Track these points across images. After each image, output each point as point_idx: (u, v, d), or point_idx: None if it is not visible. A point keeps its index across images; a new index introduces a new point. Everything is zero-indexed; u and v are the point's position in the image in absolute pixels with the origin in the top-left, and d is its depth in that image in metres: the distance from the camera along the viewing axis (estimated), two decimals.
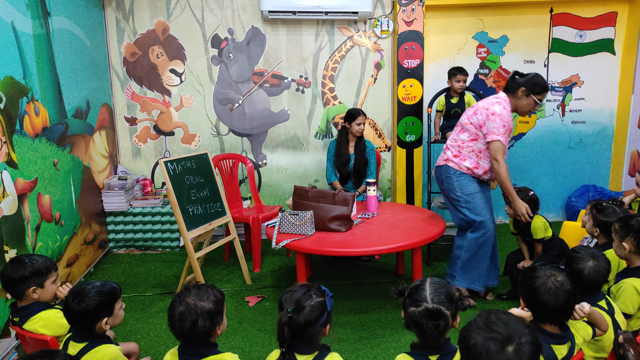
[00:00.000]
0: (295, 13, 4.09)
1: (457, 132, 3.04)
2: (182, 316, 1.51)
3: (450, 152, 3.02)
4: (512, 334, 1.14)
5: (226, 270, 3.72)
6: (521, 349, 1.12)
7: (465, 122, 2.95)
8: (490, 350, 1.12)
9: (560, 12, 4.41)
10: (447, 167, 3.02)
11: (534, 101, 2.83)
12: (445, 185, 3.05)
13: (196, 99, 4.37)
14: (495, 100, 2.87)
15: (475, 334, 1.17)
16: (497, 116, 2.79)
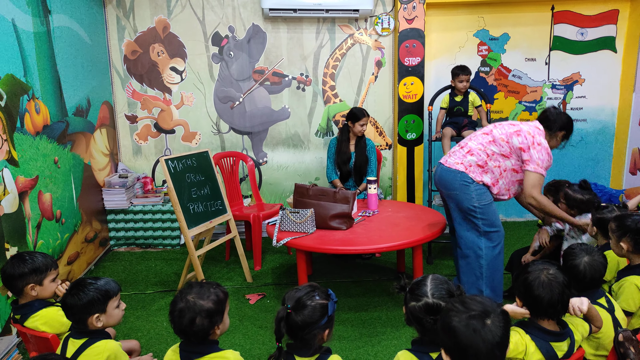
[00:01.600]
0: (296, 11, 4.08)
1: (485, 140, 2.71)
2: (181, 313, 1.51)
3: (475, 159, 2.69)
4: (487, 308, 1.23)
5: (227, 268, 3.73)
6: (497, 320, 1.21)
7: (502, 138, 2.67)
8: (477, 328, 1.19)
9: (562, 10, 4.40)
10: (465, 175, 2.69)
11: (560, 143, 2.79)
12: (458, 193, 2.72)
13: (197, 97, 4.37)
14: (537, 130, 2.66)
15: (455, 316, 1.23)
16: (544, 149, 2.59)
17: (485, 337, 1.18)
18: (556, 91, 4.57)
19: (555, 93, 4.57)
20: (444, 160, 2.82)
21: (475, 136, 2.79)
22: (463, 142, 2.83)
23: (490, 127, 2.77)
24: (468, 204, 2.70)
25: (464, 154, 2.74)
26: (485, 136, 2.73)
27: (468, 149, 2.74)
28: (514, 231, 4.45)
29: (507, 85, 4.55)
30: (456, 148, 2.84)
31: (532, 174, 2.59)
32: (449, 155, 2.82)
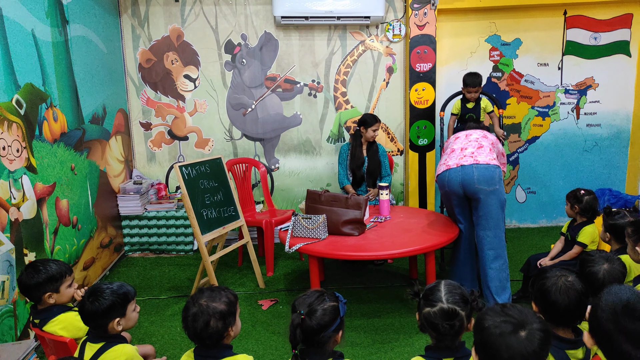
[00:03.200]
0: (307, 18, 4.12)
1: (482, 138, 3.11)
2: (195, 317, 1.53)
3: (493, 154, 3.00)
4: (525, 319, 1.19)
5: (239, 274, 3.75)
6: (533, 334, 1.16)
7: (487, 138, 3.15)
8: (505, 332, 1.16)
9: (574, 15, 4.38)
10: (500, 169, 2.92)
11: None
12: (498, 187, 2.88)
13: (210, 104, 4.42)
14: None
15: (490, 317, 1.22)
16: None
17: (509, 344, 1.15)
18: (569, 96, 4.53)
19: (568, 98, 4.54)
20: (471, 161, 2.90)
21: (470, 140, 3.09)
22: (471, 144, 3.04)
23: (468, 139, 3.14)
24: (503, 196, 2.91)
25: (485, 152, 2.95)
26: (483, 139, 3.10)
27: (481, 145, 3.02)
28: (528, 237, 4.41)
29: (519, 91, 4.53)
30: (469, 150, 3.00)
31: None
32: (466, 156, 2.96)
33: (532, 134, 4.60)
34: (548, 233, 4.48)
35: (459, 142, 3.13)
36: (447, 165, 2.96)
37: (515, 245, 4.18)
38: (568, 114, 4.56)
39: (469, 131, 3.20)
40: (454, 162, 2.94)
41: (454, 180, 2.91)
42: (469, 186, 2.86)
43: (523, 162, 4.66)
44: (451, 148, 3.11)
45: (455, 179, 2.90)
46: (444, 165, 3.02)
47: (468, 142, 3.08)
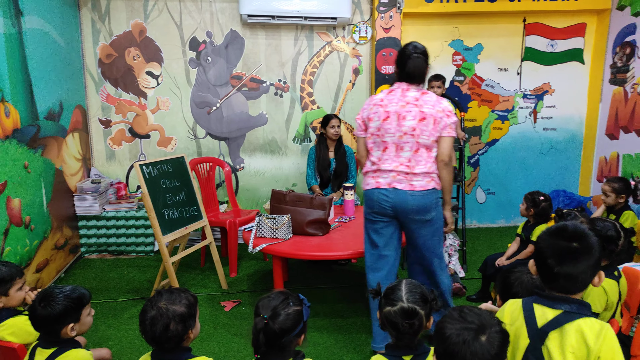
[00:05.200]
0: (274, 17, 4.10)
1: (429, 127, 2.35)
2: (153, 320, 1.49)
3: (432, 153, 2.39)
4: (485, 324, 1.22)
5: (202, 275, 3.68)
6: (493, 337, 1.20)
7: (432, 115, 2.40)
8: (467, 340, 1.18)
9: (533, 22, 4.54)
10: (434, 193, 2.40)
11: None
12: (435, 214, 2.40)
13: (173, 102, 4.33)
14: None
15: (450, 325, 1.23)
16: None
17: (474, 351, 1.17)
18: (527, 100, 4.70)
19: (526, 102, 4.70)
20: (405, 186, 2.34)
21: (405, 123, 2.32)
22: (408, 143, 2.34)
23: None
24: (439, 222, 2.46)
25: (425, 160, 2.35)
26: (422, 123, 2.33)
27: (422, 149, 2.35)
28: (487, 237, 4.54)
29: (480, 94, 4.65)
30: (405, 155, 2.35)
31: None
32: (400, 173, 2.35)
33: (492, 137, 4.74)
34: (506, 233, 4.63)
35: (391, 127, 2.34)
36: (377, 183, 2.40)
37: (475, 245, 4.29)
38: (526, 118, 4.73)
39: (405, 93, 2.37)
40: (385, 181, 2.38)
41: (384, 203, 2.38)
42: (401, 214, 2.38)
43: (483, 164, 4.79)
44: (384, 141, 2.37)
45: (385, 202, 2.38)
46: (372, 179, 2.43)
47: (401, 131, 2.32)
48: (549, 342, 1.32)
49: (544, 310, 1.36)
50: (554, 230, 1.38)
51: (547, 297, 1.37)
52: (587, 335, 1.28)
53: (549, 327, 1.33)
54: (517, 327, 1.38)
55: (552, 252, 1.34)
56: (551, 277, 1.35)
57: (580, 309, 1.34)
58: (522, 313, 1.39)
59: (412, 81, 2.39)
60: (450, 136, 2.36)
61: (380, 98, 2.42)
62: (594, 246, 1.34)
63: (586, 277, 1.34)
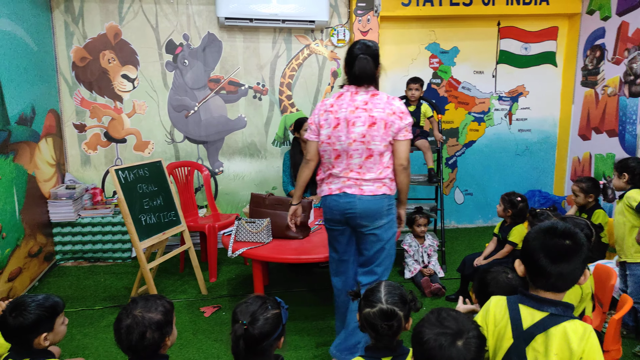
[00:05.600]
0: (252, 20, 4.09)
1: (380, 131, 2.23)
2: (129, 329, 1.46)
3: (390, 170, 2.30)
4: (462, 329, 1.22)
5: (181, 281, 3.64)
6: (469, 343, 1.20)
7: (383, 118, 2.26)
8: (444, 345, 1.19)
9: (507, 26, 4.63)
10: (390, 196, 2.31)
11: None
12: (386, 222, 2.30)
13: (149, 105, 4.27)
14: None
15: (428, 329, 1.23)
16: None
17: (450, 356, 1.18)
18: (503, 102, 4.79)
19: (502, 104, 4.79)
20: (356, 190, 2.25)
21: (355, 129, 2.21)
22: (357, 151, 2.22)
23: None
24: (392, 230, 2.35)
25: (377, 166, 2.24)
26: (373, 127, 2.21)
27: (375, 155, 2.23)
28: (466, 237, 4.60)
29: (457, 97, 4.72)
30: (355, 161, 2.24)
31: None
32: (350, 179, 2.26)
33: (469, 139, 4.82)
34: (484, 232, 4.70)
35: (342, 135, 2.23)
36: (330, 189, 2.33)
37: (454, 245, 4.35)
38: (501, 119, 4.82)
39: (354, 96, 2.24)
40: (336, 187, 2.30)
41: (335, 209, 2.31)
42: (352, 219, 2.29)
43: (461, 165, 4.86)
44: (335, 149, 2.27)
45: (337, 208, 2.30)
46: (325, 185, 2.36)
47: (350, 138, 2.21)
48: (535, 344, 1.33)
49: (530, 311, 1.36)
50: (545, 230, 1.38)
51: (534, 299, 1.37)
52: (571, 338, 1.29)
53: (535, 330, 1.34)
54: (502, 327, 1.39)
55: (545, 252, 1.34)
56: (543, 276, 1.34)
57: (565, 311, 1.34)
58: (507, 313, 1.39)
59: (360, 83, 2.25)
60: (406, 139, 2.24)
61: (330, 103, 2.29)
62: (584, 243, 1.35)
63: (576, 274, 1.35)
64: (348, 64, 2.28)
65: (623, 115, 3.98)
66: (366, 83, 2.25)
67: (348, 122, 2.23)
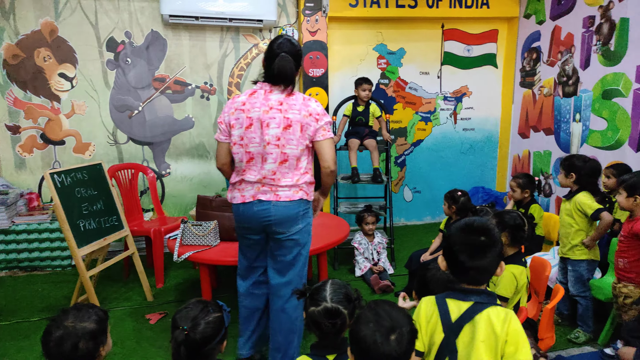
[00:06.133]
0: (197, 18, 4.00)
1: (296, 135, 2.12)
2: (60, 341, 1.40)
3: (309, 175, 2.22)
4: (395, 324, 1.25)
5: (125, 288, 3.50)
6: (402, 337, 1.23)
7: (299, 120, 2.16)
8: (377, 341, 1.21)
9: (450, 28, 4.78)
10: (307, 201, 2.21)
11: None
12: (302, 227, 2.21)
13: (90, 105, 4.08)
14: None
15: (364, 326, 1.25)
16: None
17: (384, 351, 1.20)
18: (448, 103, 4.94)
19: (447, 104, 4.94)
20: (271, 196, 2.14)
21: (269, 131, 2.09)
22: (271, 153, 2.10)
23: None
24: (309, 235, 2.27)
25: (292, 171, 2.14)
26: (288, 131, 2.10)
27: (291, 158, 2.12)
28: (415, 234, 4.71)
29: (404, 97, 4.83)
30: (269, 167, 2.12)
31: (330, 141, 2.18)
32: (265, 184, 2.15)
33: (416, 138, 4.93)
34: (432, 229, 4.82)
35: (255, 136, 2.12)
36: (242, 197, 2.20)
37: (403, 242, 4.44)
38: (447, 119, 4.97)
39: (268, 95, 2.12)
40: (250, 194, 2.18)
41: (250, 218, 2.20)
42: (268, 227, 2.20)
43: (409, 163, 4.97)
44: (248, 151, 2.15)
45: (252, 217, 2.20)
46: (238, 192, 2.22)
47: (265, 140, 2.10)
48: (463, 335, 1.39)
49: (456, 304, 1.42)
50: (462, 227, 1.45)
51: (459, 291, 1.44)
52: (494, 323, 1.37)
53: (462, 321, 1.40)
54: (433, 323, 1.44)
55: (464, 248, 1.41)
56: (463, 271, 1.43)
57: (488, 298, 1.42)
58: (436, 309, 1.44)
59: (276, 83, 2.12)
60: (327, 138, 2.13)
61: (242, 101, 2.13)
62: (498, 238, 1.43)
63: (493, 267, 1.43)
64: (267, 61, 2.13)
65: (558, 114, 4.21)
66: (283, 84, 2.12)
67: (262, 122, 2.09)
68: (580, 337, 2.67)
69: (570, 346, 2.64)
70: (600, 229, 2.61)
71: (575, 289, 2.71)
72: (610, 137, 3.61)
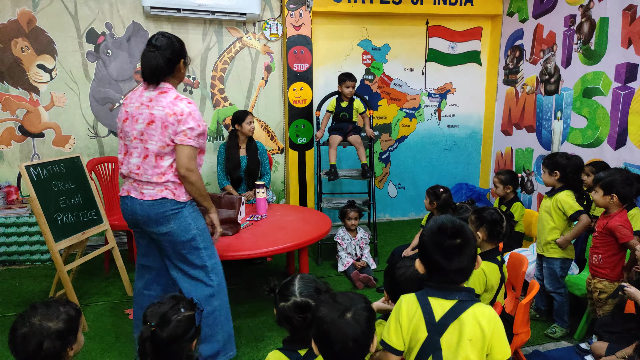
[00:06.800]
0: (180, 10, 3.95)
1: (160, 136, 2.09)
2: (25, 338, 1.36)
3: (172, 175, 2.13)
4: (351, 304, 1.28)
5: (105, 282, 3.46)
6: (359, 314, 1.26)
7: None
8: (334, 319, 1.25)
9: (435, 25, 4.80)
10: (174, 202, 2.14)
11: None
12: (174, 227, 2.14)
13: (69, 98, 4.01)
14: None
15: (323, 307, 1.29)
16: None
17: (341, 329, 1.23)
18: (432, 99, 4.96)
19: (431, 101, 4.96)
20: (136, 194, 2.15)
21: (138, 126, 2.10)
22: (136, 148, 2.12)
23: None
24: (187, 235, 2.17)
25: (158, 174, 2.11)
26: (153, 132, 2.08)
27: (150, 154, 2.10)
28: (399, 229, 4.73)
29: (389, 93, 4.83)
30: (134, 161, 2.14)
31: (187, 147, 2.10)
32: (135, 181, 2.16)
33: (401, 134, 4.95)
34: (416, 225, 4.85)
35: (129, 130, 2.14)
36: (122, 189, 2.24)
37: (387, 237, 4.46)
38: (431, 115, 4.99)
39: (143, 92, 2.13)
40: (126, 188, 2.22)
41: (124, 212, 2.23)
42: (141, 224, 2.19)
43: (394, 159, 4.99)
44: (125, 144, 2.19)
45: (126, 211, 2.21)
46: (123, 185, 2.26)
47: (132, 135, 2.13)
48: (448, 334, 1.37)
49: (439, 302, 1.40)
50: (436, 230, 1.43)
51: (440, 289, 1.42)
52: (481, 320, 1.37)
53: (447, 319, 1.38)
54: (416, 322, 1.42)
55: (440, 252, 1.40)
56: (441, 273, 1.41)
57: (470, 296, 1.42)
58: (419, 308, 1.42)
59: (145, 79, 2.11)
60: (185, 144, 2.05)
61: (126, 96, 2.19)
62: (471, 235, 1.43)
63: (471, 266, 1.43)
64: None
65: (540, 112, 4.25)
66: (151, 80, 2.09)
67: (133, 117, 2.12)
68: (556, 332, 2.71)
69: (547, 341, 2.69)
70: (576, 230, 2.64)
71: (551, 286, 2.75)
72: (590, 135, 3.67)
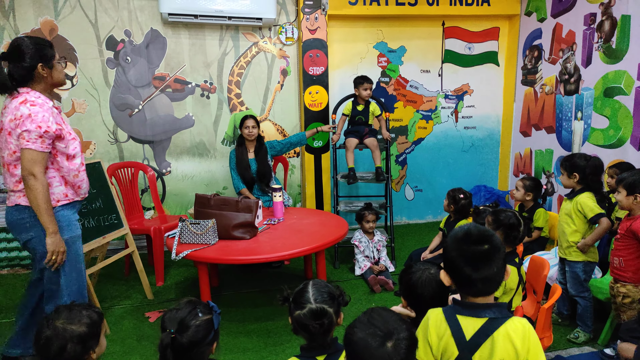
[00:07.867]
0: (197, 17, 3.99)
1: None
2: (48, 341, 1.39)
3: (20, 185, 2.10)
4: (392, 330, 1.20)
5: (126, 286, 3.51)
6: (399, 345, 1.18)
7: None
8: (372, 346, 1.18)
9: (451, 26, 4.76)
10: (25, 209, 2.10)
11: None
12: (34, 236, 2.12)
13: (90, 104, 4.09)
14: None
15: (358, 330, 1.22)
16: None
17: (379, 356, 1.17)
18: (449, 101, 4.92)
19: (448, 103, 4.92)
20: (7, 202, 2.19)
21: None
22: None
23: None
24: (45, 247, 2.09)
25: (14, 182, 2.10)
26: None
27: (5, 166, 2.11)
28: (417, 232, 4.70)
29: (405, 95, 4.81)
30: (4, 180, 2.22)
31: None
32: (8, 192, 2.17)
33: (417, 136, 4.92)
34: (434, 228, 4.80)
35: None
36: None
37: (405, 240, 4.43)
38: (448, 117, 4.95)
39: (7, 100, 2.08)
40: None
41: None
42: (12, 233, 2.25)
43: (410, 162, 4.96)
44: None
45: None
46: None
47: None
48: (480, 352, 1.32)
49: (469, 321, 1.35)
50: (461, 238, 1.36)
51: (468, 307, 1.36)
52: (514, 339, 1.30)
53: (478, 338, 1.33)
54: (445, 341, 1.37)
55: (466, 260, 1.33)
56: (469, 283, 1.34)
57: (501, 312, 1.35)
58: (448, 327, 1.37)
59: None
60: (24, 147, 1.98)
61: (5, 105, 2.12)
62: (499, 242, 1.36)
63: (500, 275, 1.35)
64: None
65: (560, 112, 4.18)
66: (3, 91, 2.07)
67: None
68: (580, 337, 2.65)
69: (570, 346, 2.63)
70: (597, 234, 2.58)
71: (574, 290, 2.70)
72: (612, 136, 3.59)
